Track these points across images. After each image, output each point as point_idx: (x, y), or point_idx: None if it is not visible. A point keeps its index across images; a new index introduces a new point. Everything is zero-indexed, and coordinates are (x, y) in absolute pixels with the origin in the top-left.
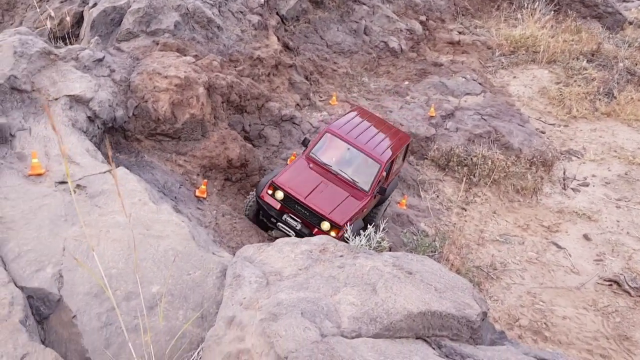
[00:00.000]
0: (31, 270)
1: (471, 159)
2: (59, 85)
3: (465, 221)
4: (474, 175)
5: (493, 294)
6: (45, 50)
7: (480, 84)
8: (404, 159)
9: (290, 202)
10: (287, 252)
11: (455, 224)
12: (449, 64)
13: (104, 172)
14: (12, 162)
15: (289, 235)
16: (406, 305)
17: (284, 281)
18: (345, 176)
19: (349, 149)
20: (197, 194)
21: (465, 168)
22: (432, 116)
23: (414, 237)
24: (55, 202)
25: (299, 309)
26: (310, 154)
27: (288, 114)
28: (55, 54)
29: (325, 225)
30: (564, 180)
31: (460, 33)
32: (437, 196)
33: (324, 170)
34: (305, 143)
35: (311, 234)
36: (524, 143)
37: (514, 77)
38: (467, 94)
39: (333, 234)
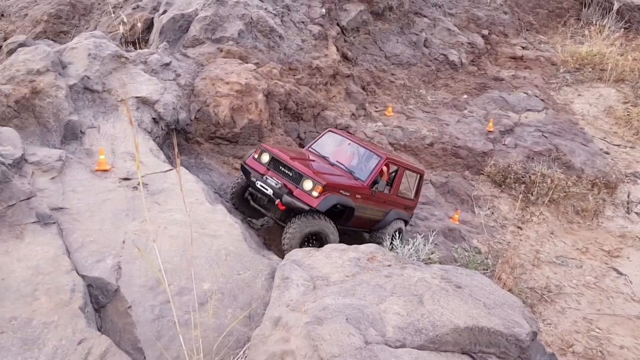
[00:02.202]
0: (92, 261)
1: (529, 176)
2: (127, 87)
3: (521, 240)
4: (531, 194)
5: (546, 317)
6: (117, 54)
7: (542, 100)
8: (416, 194)
9: (275, 164)
10: (335, 257)
11: (509, 242)
12: (510, 79)
13: (165, 172)
14: (81, 158)
15: (264, 200)
16: (453, 319)
17: (331, 286)
18: (342, 167)
19: (349, 144)
20: None
21: (522, 185)
22: (490, 131)
23: (466, 254)
24: (118, 197)
25: (344, 314)
26: (310, 148)
27: (343, 123)
28: (126, 57)
29: (307, 184)
30: (627, 203)
31: (523, 48)
32: (492, 213)
33: (322, 159)
34: None
35: (290, 194)
36: (587, 163)
37: (579, 94)
38: (528, 110)
39: (315, 193)
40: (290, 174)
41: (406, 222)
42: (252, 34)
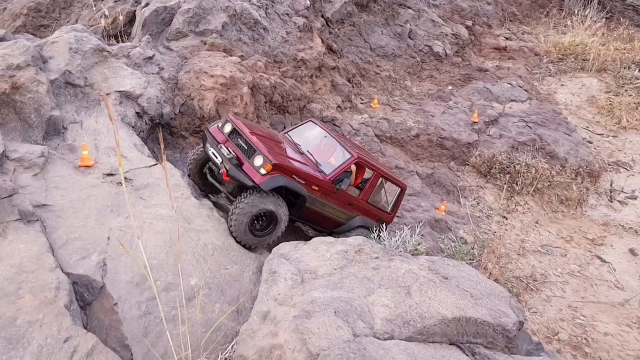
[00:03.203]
0: (77, 258)
1: (514, 166)
2: (110, 81)
3: (506, 230)
4: (516, 184)
5: (532, 306)
6: (99, 47)
7: (526, 90)
8: (394, 209)
9: (235, 136)
10: (322, 251)
11: (495, 232)
12: (494, 70)
13: (150, 166)
14: (64, 154)
15: (220, 175)
16: (440, 310)
17: (319, 280)
18: (310, 157)
19: (325, 136)
20: None
21: (507, 176)
22: (475, 122)
23: (452, 244)
24: (102, 193)
25: (333, 307)
26: (286, 133)
27: (329, 115)
28: (108, 51)
29: (258, 160)
30: (610, 192)
31: (507, 39)
32: (478, 203)
33: (292, 146)
34: None
35: (239, 167)
36: (570, 152)
37: (562, 84)
38: (512, 100)
39: (263, 170)
40: (246, 148)
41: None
42: (236, 27)
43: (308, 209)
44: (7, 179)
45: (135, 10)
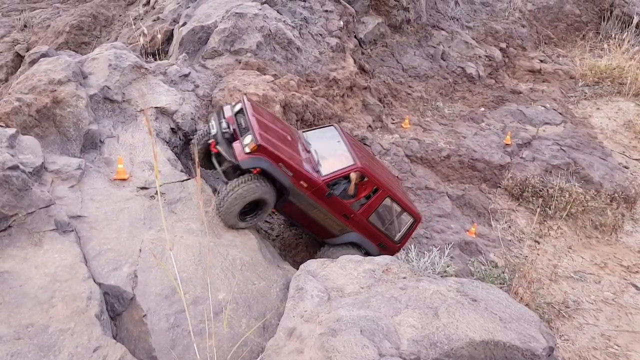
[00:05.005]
0: (109, 269)
1: (547, 190)
2: (147, 97)
3: (538, 255)
4: (549, 208)
5: (564, 333)
6: (137, 64)
7: (560, 113)
8: (402, 239)
9: (240, 115)
10: (350, 269)
11: (527, 256)
12: (528, 92)
13: (182, 181)
14: (100, 167)
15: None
16: (468, 333)
17: (345, 298)
18: (315, 156)
19: (338, 141)
20: None
21: (540, 199)
22: (507, 144)
23: (482, 267)
24: (135, 206)
25: (359, 326)
26: (302, 131)
27: (359, 134)
28: (146, 68)
29: (247, 139)
30: None
31: (541, 61)
32: (509, 226)
33: (300, 142)
34: None
35: (229, 143)
36: (605, 177)
37: (598, 108)
38: (547, 123)
39: (247, 149)
40: (244, 126)
41: None
42: (270, 46)
43: (293, 206)
44: (44, 190)
45: (173, 29)
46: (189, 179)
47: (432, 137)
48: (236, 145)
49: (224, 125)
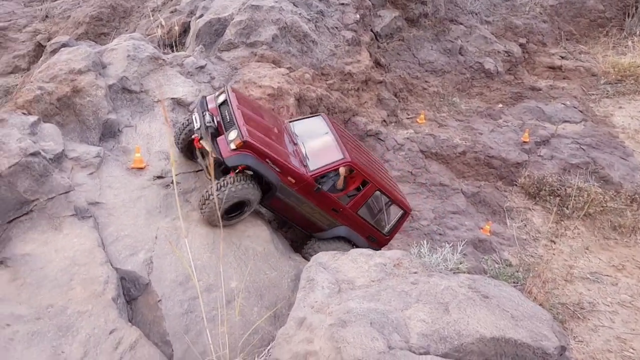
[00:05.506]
0: (126, 254)
1: (565, 189)
2: (164, 88)
3: (553, 254)
4: (566, 207)
5: (578, 335)
6: (155, 56)
7: (580, 111)
8: (392, 232)
9: (225, 107)
10: (361, 262)
11: (542, 256)
12: (547, 89)
13: (197, 171)
14: (118, 155)
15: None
16: (479, 329)
17: (356, 290)
18: (302, 150)
19: (327, 133)
20: None
21: (557, 198)
22: (525, 141)
23: (496, 266)
24: (151, 194)
25: (369, 319)
26: (288, 121)
27: (373, 129)
28: (163, 60)
29: (232, 134)
30: None
31: (562, 58)
32: (525, 225)
33: (287, 133)
34: None
35: (215, 137)
36: (626, 178)
37: (620, 107)
38: (566, 121)
39: (233, 145)
40: (228, 120)
41: None
42: (285, 39)
43: (281, 201)
44: (64, 177)
45: (190, 21)
46: (202, 169)
47: (447, 133)
48: (221, 141)
49: (208, 119)
